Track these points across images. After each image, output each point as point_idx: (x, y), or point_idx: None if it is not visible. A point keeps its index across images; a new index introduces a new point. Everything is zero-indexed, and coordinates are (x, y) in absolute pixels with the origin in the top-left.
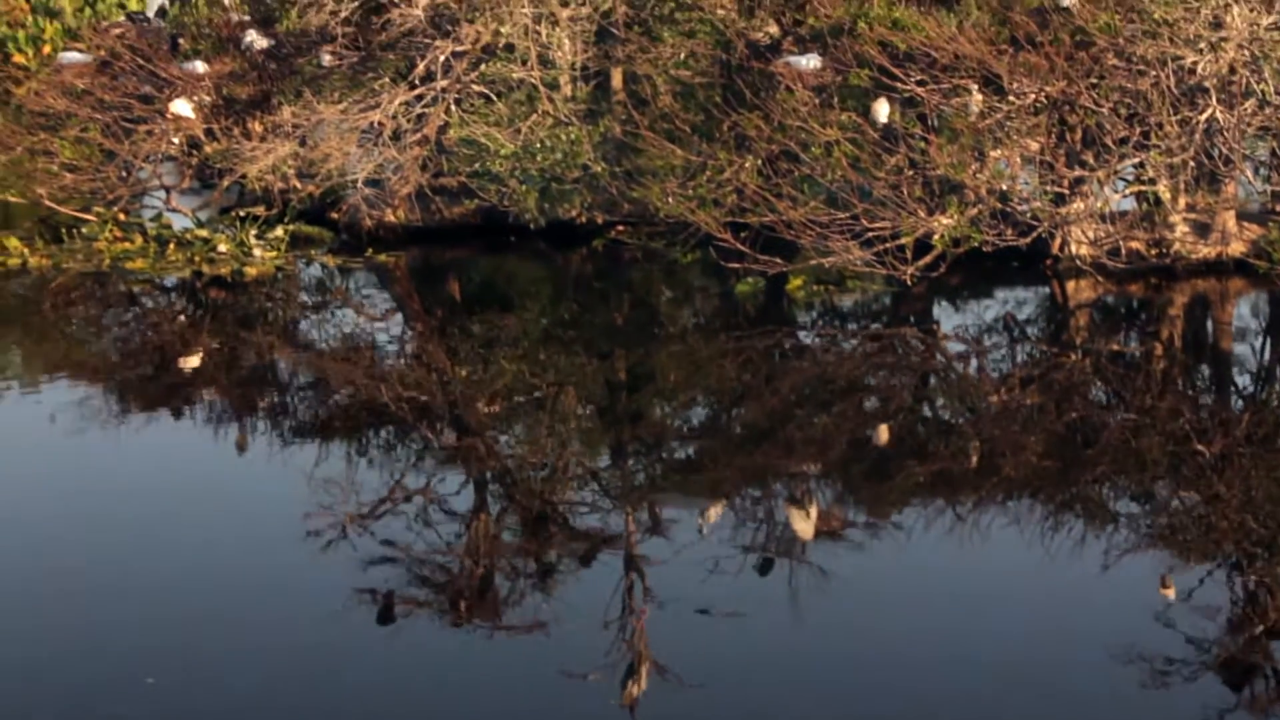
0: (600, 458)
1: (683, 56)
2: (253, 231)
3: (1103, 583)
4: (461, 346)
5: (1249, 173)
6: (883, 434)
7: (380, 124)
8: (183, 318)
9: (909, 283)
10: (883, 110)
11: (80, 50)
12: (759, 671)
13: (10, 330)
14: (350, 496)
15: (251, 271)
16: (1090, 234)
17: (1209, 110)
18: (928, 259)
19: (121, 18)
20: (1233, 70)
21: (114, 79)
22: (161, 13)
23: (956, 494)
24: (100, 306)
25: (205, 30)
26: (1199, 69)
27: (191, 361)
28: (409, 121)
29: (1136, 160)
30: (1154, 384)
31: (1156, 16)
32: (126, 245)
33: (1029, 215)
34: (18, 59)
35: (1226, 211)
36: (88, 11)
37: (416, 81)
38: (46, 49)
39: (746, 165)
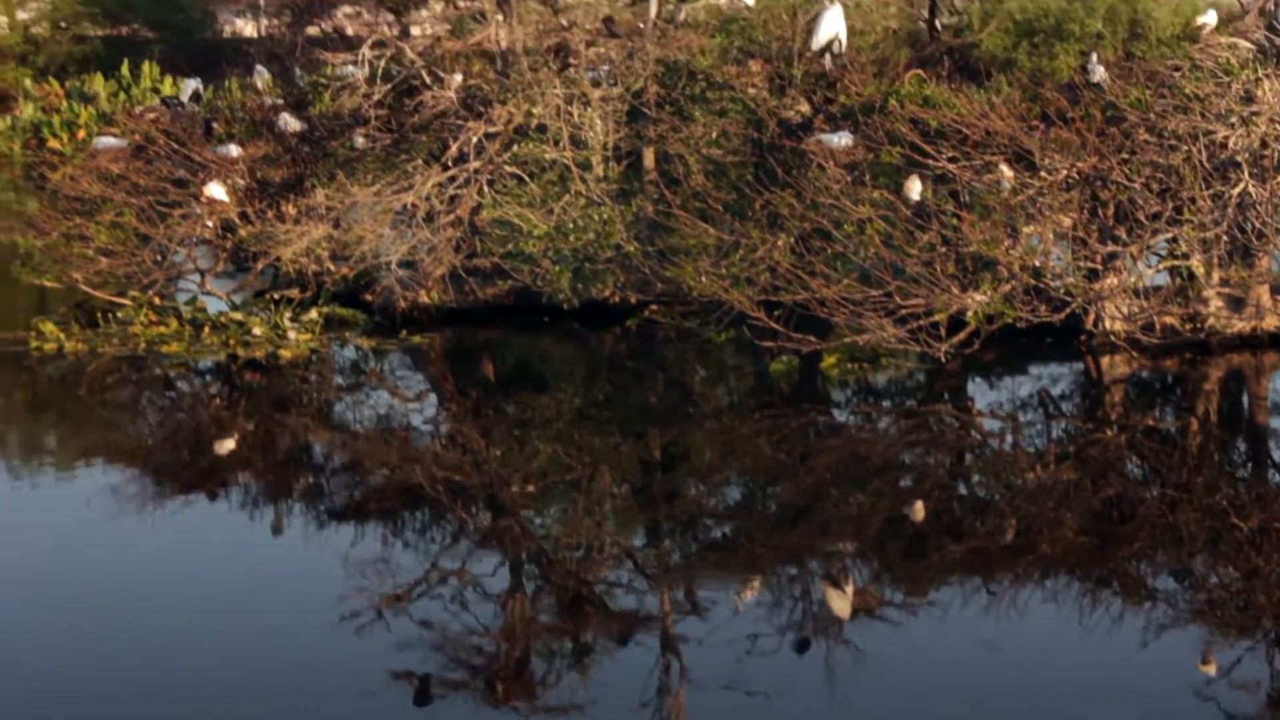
0: (636, 537)
1: (714, 135)
2: (287, 314)
3: (1142, 658)
4: (496, 427)
5: None
6: (919, 511)
7: (413, 205)
8: (218, 401)
9: (943, 360)
10: (915, 187)
11: (115, 135)
12: None
13: (46, 415)
14: (386, 578)
15: (286, 354)
16: (1124, 309)
17: (1241, 184)
18: (962, 336)
19: (156, 102)
20: (1265, 144)
21: (149, 163)
22: (196, 97)
23: (993, 571)
24: (135, 390)
25: (239, 114)
26: (1231, 143)
27: (226, 444)
28: (442, 203)
29: (1169, 235)
30: (1190, 459)
31: (1188, 91)
32: (162, 329)
33: (1062, 291)
34: (53, 144)
35: (1260, 286)
36: (122, 97)
37: (449, 163)
38: (81, 134)
39: (779, 243)
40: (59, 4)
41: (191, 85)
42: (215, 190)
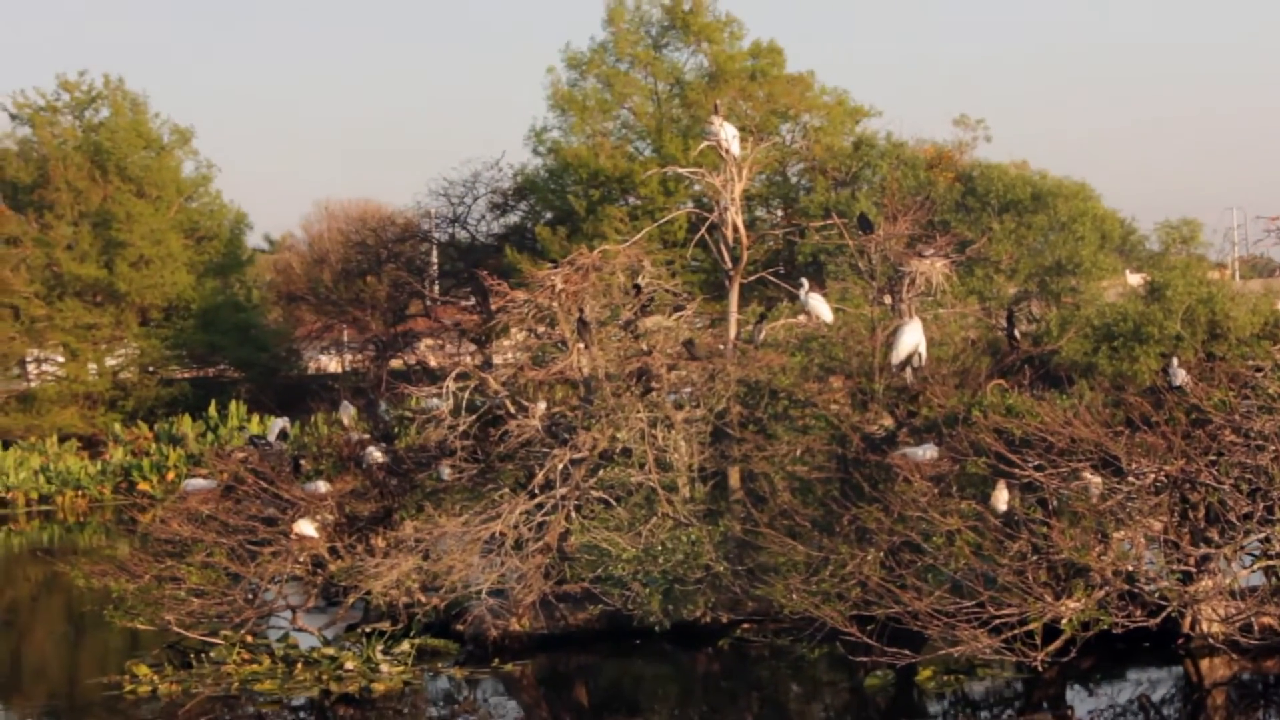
0: None
1: (799, 453)
2: (379, 647)
3: None
4: None
5: None
6: None
7: (502, 534)
8: None
9: (1040, 668)
10: (1002, 497)
11: (204, 476)
12: None
13: None
14: None
15: (379, 688)
16: (1221, 611)
17: None
18: (1057, 644)
19: (243, 442)
20: None
21: (238, 503)
22: (283, 435)
23: None
24: None
25: (326, 450)
26: None
27: None
28: (530, 530)
29: (1263, 535)
30: None
31: (1272, 391)
32: (255, 667)
33: (1157, 595)
34: (143, 487)
35: None
36: (210, 437)
37: (536, 490)
38: (171, 476)
39: (869, 558)
40: (147, 349)
41: (278, 424)
42: (305, 527)
